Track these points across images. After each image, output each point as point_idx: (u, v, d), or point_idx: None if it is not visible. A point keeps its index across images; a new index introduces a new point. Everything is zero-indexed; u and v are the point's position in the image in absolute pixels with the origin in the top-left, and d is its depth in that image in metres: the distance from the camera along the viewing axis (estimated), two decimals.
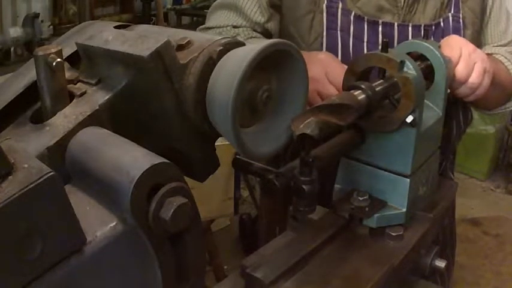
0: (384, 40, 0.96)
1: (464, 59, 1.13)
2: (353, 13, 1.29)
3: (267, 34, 1.38)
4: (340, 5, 1.28)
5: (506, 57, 1.42)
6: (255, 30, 1.36)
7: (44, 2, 4.96)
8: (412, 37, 1.30)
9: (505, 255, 3.30)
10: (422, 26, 1.32)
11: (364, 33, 1.29)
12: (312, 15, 1.29)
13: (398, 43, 1.18)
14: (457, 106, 1.38)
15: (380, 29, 1.30)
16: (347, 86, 0.94)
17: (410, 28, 1.31)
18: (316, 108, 0.77)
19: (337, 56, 1.28)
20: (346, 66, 0.98)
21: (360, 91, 0.90)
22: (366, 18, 1.29)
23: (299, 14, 1.31)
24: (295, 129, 0.71)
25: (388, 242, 0.99)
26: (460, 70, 1.13)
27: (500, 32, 1.45)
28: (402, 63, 0.95)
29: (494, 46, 1.45)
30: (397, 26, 1.30)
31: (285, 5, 1.33)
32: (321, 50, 1.29)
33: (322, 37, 1.29)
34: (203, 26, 1.44)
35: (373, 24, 1.29)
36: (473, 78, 1.14)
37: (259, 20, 1.35)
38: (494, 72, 1.20)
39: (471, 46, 1.16)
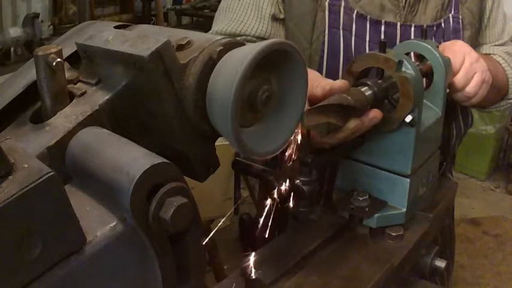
0: (382, 40, 0.96)
1: (465, 68, 1.14)
2: (355, 12, 1.28)
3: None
4: (343, 3, 1.28)
5: (503, 58, 1.45)
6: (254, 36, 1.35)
7: (44, 2, 4.96)
8: (414, 38, 1.30)
9: (505, 255, 3.30)
10: (424, 26, 1.31)
11: (367, 32, 1.29)
12: (314, 12, 1.29)
13: None
14: (456, 108, 1.38)
15: (382, 28, 1.29)
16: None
17: (412, 28, 1.31)
18: (328, 106, 0.78)
19: (339, 55, 1.28)
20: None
21: (366, 87, 0.91)
22: (368, 17, 1.29)
23: (301, 12, 1.30)
24: (307, 124, 0.71)
25: (388, 242, 0.99)
26: (459, 78, 1.14)
27: (498, 33, 1.48)
28: (400, 63, 0.95)
29: (491, 46, 1.47)
30: (400, 26, 1.30)
31: (288, 3, 1.33)
32: (323, 48, 1.28)
33: (324, 35, 1.28)
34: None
35: (376, 23, 1.29)
36: (471, 88, 1.15)
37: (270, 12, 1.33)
38: (492, 75, 1.21)
39: (474, 55, 1.16)
